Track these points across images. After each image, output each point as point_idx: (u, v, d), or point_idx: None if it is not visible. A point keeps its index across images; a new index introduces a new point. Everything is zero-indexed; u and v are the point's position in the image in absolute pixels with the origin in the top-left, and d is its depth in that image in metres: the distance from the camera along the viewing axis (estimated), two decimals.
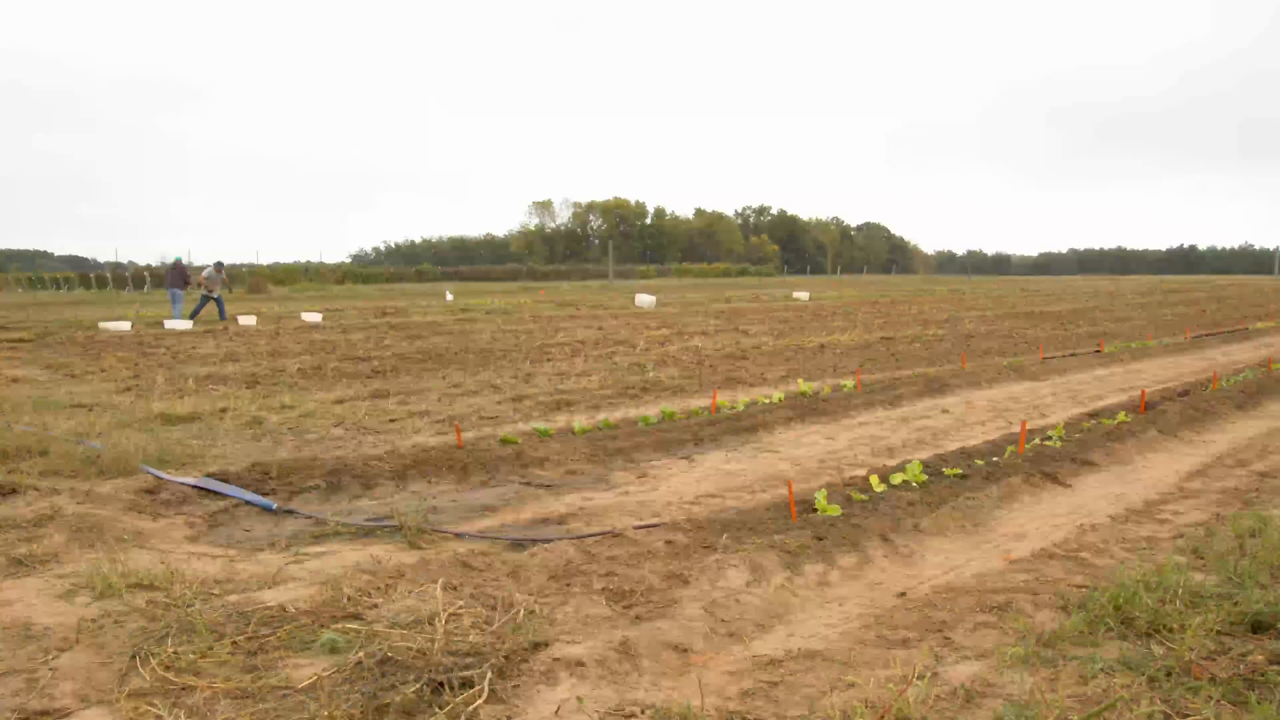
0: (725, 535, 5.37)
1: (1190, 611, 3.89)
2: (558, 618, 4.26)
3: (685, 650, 3.99)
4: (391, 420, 9.66)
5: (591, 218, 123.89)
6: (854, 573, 5.10)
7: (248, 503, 6.30)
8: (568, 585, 4.67)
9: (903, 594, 4.78)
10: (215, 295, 25.61)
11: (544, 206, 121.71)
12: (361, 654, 3.70)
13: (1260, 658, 3.51)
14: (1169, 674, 3.40)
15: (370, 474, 7.05)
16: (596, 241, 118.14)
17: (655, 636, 4.02)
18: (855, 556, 5.26)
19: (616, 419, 9.46)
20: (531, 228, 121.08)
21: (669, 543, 5.27)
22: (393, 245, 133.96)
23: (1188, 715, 3.04)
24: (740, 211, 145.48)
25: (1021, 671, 3.52)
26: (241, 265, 60.92)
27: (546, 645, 3.91)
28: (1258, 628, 3.83)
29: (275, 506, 6.24)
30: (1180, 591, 4.09)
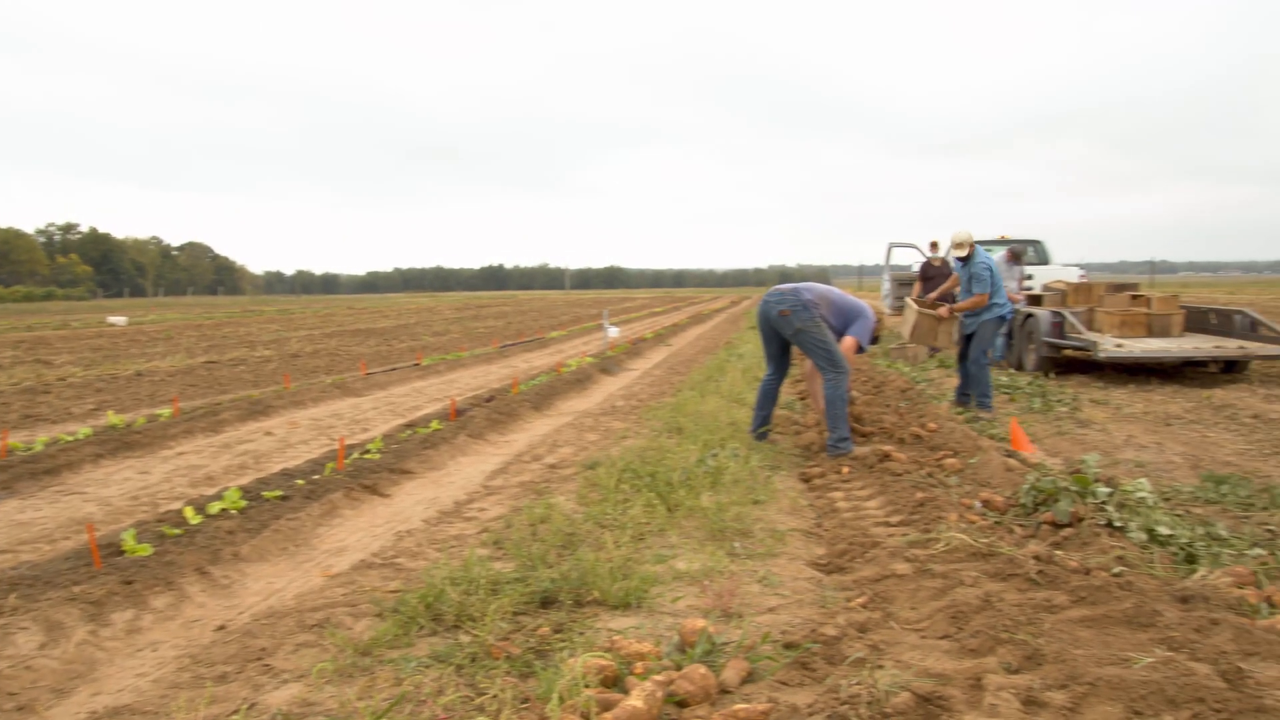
0: (14, 595, 4.71)
1: (491, 598, 4.25)
2: None
3: None
4: None
5: None
6: (169, 613, 4.79)
7: None
8: None
9: (222, 627, 4.61)
10: None
11: None
12: None
13: (547, 629, 3.97)
14: (474, 659, 3.68)
15: None
16: None
17: None
18: (170, 596, 4.94)
19: None
20: None
21: None
22: None
23: (484, 693, 3.32)
24: (44, 229, 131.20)
25: (339, 684, 3.58)
26: None
27: None
28: (546, 603, 4.32)
29: None
30: (483, 582, 4.44)
